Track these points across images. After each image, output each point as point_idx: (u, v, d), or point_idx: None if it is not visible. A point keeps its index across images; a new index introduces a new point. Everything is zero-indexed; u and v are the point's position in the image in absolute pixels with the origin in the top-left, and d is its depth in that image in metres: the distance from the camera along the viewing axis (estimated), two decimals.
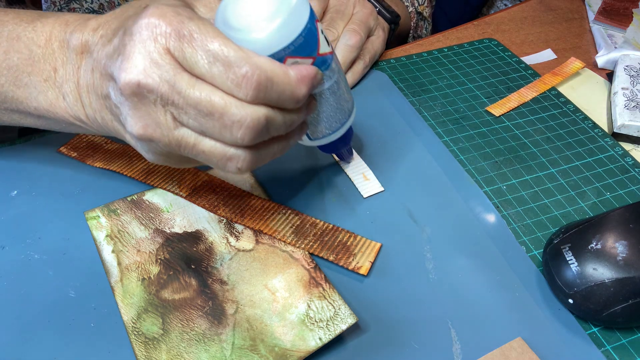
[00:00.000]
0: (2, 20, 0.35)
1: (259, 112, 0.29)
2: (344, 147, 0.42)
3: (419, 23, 0.68)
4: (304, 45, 0.31)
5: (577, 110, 0.52)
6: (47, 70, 0.34)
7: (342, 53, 0.50)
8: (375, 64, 0.57)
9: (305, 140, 0.39)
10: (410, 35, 0.67)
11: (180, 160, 0.33)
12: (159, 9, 0.28)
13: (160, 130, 0.29)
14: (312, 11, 0.32)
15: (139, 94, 0.28)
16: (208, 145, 0.30)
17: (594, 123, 0.51)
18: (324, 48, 0.33)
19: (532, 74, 0.57)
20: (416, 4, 0.67)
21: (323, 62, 0.33)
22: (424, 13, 0.69)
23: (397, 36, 0.63)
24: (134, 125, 0.29)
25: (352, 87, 0.53)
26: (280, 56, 0.30)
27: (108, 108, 0.31)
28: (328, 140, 0.39)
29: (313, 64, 0.32)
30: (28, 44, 0.34)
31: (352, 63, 0.52)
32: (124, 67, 0.28)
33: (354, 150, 0.45)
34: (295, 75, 0.30)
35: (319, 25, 0.33)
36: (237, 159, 0.30)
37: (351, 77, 0.52)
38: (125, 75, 0.28)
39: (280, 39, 0.30)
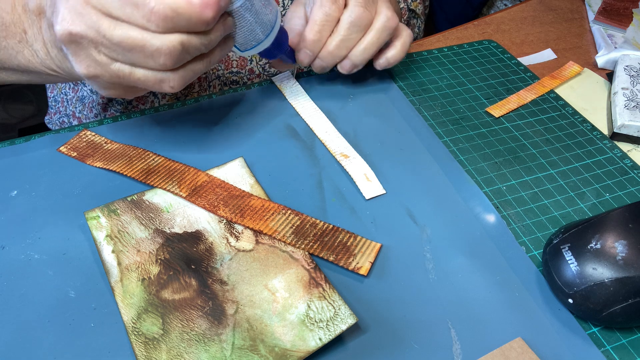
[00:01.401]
0: None
1: (173, 40, 0.34)
2: (280, 52, 0.45)
3: (412, 21, 0.68)
4: None
5: (575, 112, 0.52)
6: (19, 33, 0.39)
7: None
8: None
9: (236, 52, 0.43)
10: None
11: (127, 90, 0.38)
12: None
13: (100, 67, 0.35)
14: None
15: (74, 41, 0.33)
16: (141, 73, 0.35)
17: (593, 125, 0.51)
18: None
19: (531, 76, 0.57)
20: (409, 0, 0.66)
21: None
22: (417, 10, 0.68)
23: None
24: (79, 68, 0.35)
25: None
26: None
27: (66, 57, 0.36)
28: (257, 51, 0.43)
29: None
30: None
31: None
32: (57, 21, 0.33)
33: (353, 150, 0.45)
34: (199, 2, 0.33)
35: None
36: (168, 80, 0.36)
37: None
38: (59, 28, 0.33)
39: None
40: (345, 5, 0.46)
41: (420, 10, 0.69)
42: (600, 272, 0.34)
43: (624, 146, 0.49)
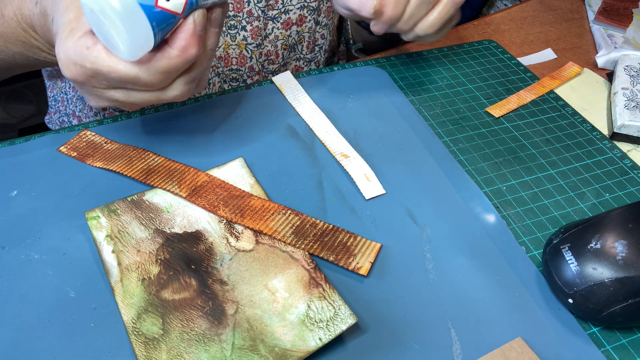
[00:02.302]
0: None
1: (181, 86, 0.38)
2: None
3: None
4: (163, 23, 0.33)
5: (575, 113, 0.52)
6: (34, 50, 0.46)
7: None
8: (375, 61, 0.57)
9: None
10: None
11: (135, 105, 0.40)
12: (65, 66, 0.36)
13: (103, 100, 0.38)
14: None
15: (80, 85, 0.37)
16: (139, 96, 0.37)
17: (593, 126, 0.51)
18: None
19: (530, 76, 0.57)
20: None
21: (190, 5, 0.34)
22: None
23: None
24: (92, 103, 0.39)
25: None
26: (158, 41, 0.34)
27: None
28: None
29: (184, 9, 0.34)
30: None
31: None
32: (61, 67, 0.36)
33: (353, 150, 0.45)
34: (178, 49, 0.34)
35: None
36: (169, 92, 0.38)
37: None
38: (65, 73, 0.36)
39: (142, 44, 0.33)
40: None
41: None
42: (600, 272, 0.34)
43: (624, 146, 0.49)
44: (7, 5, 0.45)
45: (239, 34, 0.57)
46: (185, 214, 0.40)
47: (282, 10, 0.58)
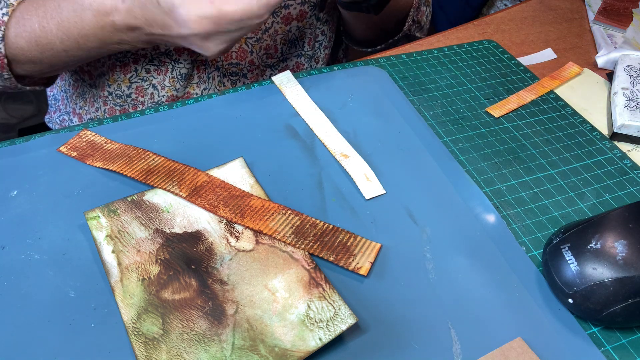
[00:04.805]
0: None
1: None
2: None
3: (421, 8, 0.67)
4: None
5: (575, 113, 0.52)
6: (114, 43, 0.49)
7: None
8: (375, 61, 0.57)
9: None
10: (410, 16, 0.65)
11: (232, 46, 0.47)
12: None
13: (226, 43, 0.46)
14: None
15: (206, 37, 0.44)
16: (246, 31, 0.45)
17: (593, 126, 0.51)
18: None
19: (530, 76, 0.57)
20: None
21: None
22: None
23: (395, 14, 0.62)
24: (212, 52, 0.46)
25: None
26: None
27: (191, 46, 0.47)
28: None
29: None
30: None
31: None
32: (186, 27, 0.44)
33: (353, 150, 0.45)
34: None
35: None
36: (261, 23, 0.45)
37: None
38: (188, 32, 0.44)
39: None
40: None
41: None
42: (600, 272, 0.34)
43: (624, 146, 0.49)
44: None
45: None
46: (185, 214, 0.40)
47: (283, 4, 0.58)
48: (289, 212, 0.40)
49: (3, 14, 0.48)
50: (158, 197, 0.41)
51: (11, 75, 0.51)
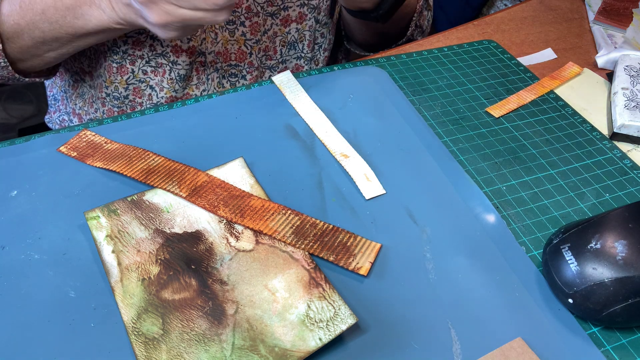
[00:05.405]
0: None
1: (228, 14, 0.44)
2: None
3: (424, 12, 0.67)
4: None
5: (575, 113, 0.52)
6: (89, 0, 0.48)
7: None
8: (375, 61, 0.57)
9: None
10: (413, 21, 0.65)
11: (186, 30, 0.46)
12: None
13: (170, 16, 0.43)
14: None
15: (151, 2, 0.42)
16: (200, 14, 0.43)
17: (592, 126, 0.51)
18: None
19: (530, 76, 0.57)
20: None
21: None
22: (430, 1, 0.68)
23: (399, 20, 0.62)
24: (153, 18, 0.43)
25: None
26: None
27: (132, 11, 0.46)
28: None
29: None
30: None
31: None
32: None
33: (353, 150, 0.45)
34: None
35: None
36: (220, 15, 0.43)
37: None
38: None
39: None
40: None
41: (431, 0, 0.69)
42: (600, 272, 0.34)
43: (624, 146, 0.49)
44: None
45: (238, 30, 0.58)
46: (185, 214, 0.40)
47: (282, 6, 0.58)
48: (289, 212, 0.40)
49: None
50: (158, 197, 0.41)
51: (7, 63, 0.51)
